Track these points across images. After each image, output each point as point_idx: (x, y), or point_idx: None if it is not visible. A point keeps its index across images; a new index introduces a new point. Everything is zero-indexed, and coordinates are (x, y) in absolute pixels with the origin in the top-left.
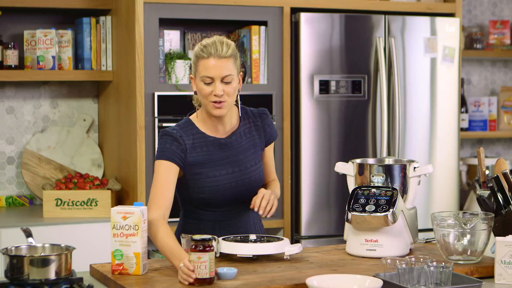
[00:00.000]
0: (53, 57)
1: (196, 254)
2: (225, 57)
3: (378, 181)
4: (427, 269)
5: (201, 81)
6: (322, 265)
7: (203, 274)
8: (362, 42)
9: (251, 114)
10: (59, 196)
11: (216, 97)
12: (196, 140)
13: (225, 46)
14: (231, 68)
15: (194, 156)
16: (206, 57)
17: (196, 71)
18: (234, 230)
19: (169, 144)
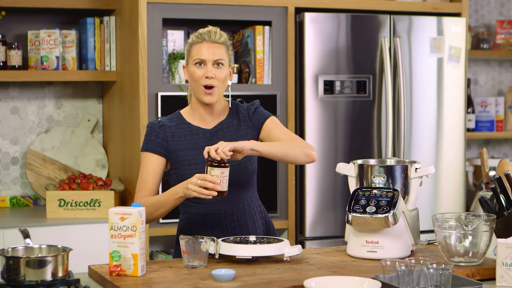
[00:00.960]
0: (57, 57)
1: (220, 170)
2: (217, 43)
3: (379, 182)
4: (426, 271)
5: (193, 64)
6: (321, 267)
7: (224, 188)
8: (367, 42)
9: (241, 109)
10: (62, 197)
11: (207, 80)
12: (180, 129)
13: (218, 34)
14: (223, 54)
15: (177, 144)
16: (199, 41)
17: (189, 56)
18: (228, 225)
19: (149, 135)
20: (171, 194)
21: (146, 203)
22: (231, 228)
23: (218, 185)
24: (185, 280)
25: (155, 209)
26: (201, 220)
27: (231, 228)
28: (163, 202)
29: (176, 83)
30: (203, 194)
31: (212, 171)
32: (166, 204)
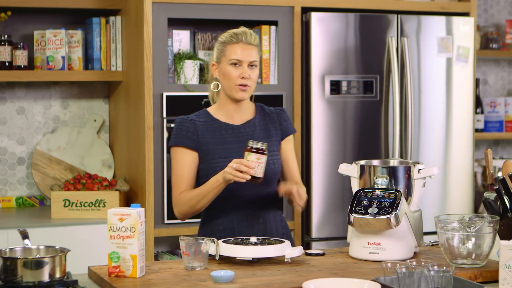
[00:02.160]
0: (62, 58)
1: (256, 155)
2: (252, 45)
3: (381, 183)
4: (427, 273)
5: (229, 64)
6: (322, 269)
7: (259, 174)
8: (374, 42)
9: (268, 110)
10: (67, 197)
11: (243, 80)
12: (209, 125)
13: (253, 36)
14: (256, 56)
15: (207, 138)
16: (235, 42)
17: (222, 55)
18: (254, 223)
19: (179, 130)
20: (212, 183)
21: (186, 197)
22: (255, 218)
23: (252, 170)
24: (183, 281)
25: (197, 201)
26: (226, 216)
27: (255, 218)
28: (205, 193)
29: (181, 83)
30: (237, 177)
31: (248, 156)
32: (208, 194)
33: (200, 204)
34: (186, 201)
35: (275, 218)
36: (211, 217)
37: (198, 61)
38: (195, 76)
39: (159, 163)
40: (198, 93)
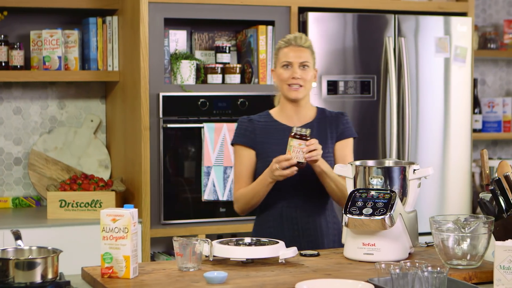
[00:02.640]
0: (59, 58)
1: (297, 141)
2: (302, 46)
3: (376, 183)
4: (421, 274)
5: (281, 67)
6: (316, 270)
7: (300, 158)
8: (371, 42)
9: (328, 114)
10: (63, 197)
11: (294, 80)
12: (268, 125)
13: (303, 39)
14: (308, 57)
15: (264, 137)
16: (286, 45)
17: (277, 60)
18: (303, 223)
19: (239, 129)
20: (261, 182)
21: (242, 194)
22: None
23: (293, 158)
24: (176, 282)
25: (251, 198)
26: (277, 213)
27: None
28: (256, 191)
29: (178, 83)
30: (285, 174)
31: (291, 142)
32: (259, 192)
33: (254, 200)
34: (242, 198)
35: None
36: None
37: (195, 61)
38: (192, 76)
39: (155, 163)
40: (194, 93)
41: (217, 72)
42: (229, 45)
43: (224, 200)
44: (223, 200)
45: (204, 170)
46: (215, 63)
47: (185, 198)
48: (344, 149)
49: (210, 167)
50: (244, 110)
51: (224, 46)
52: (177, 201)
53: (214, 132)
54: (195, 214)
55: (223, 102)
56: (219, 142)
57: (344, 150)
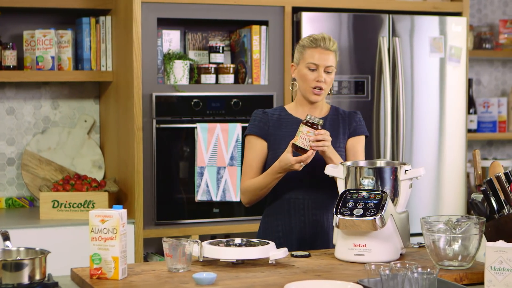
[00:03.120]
0: (52, 58)
1: (306, 128)
2: (330, 50)
3: (367, 184)
4: (410, 275)
5: (306, 67)
6: (307, 271)
7: (305, 145)
8: (365, 42)
9: (341, 112)
10: (56, 198)
11: (318, 83)
12: (282, 119)
13: (331, 42)
14: (333, 61)
15: (277, 130)
16: (314, 47)
17: (301, 58)
18: (311, 215)
19: (253, 121)
20: (271, 174)
21: (250, 186)
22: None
23: (298, 143)
24: (165, 283)
25: (260, 189)
26: (285, 204)
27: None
28: (265, 183)
29: (171, 83)
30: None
31: (301, 127)
32: (268, 184)
33: (262, 191)
34: (250, 189)
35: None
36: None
37: (188, 61)
38: (185, 77)
39: (148, 163)
40: (188, 93)
41: (210, 72)
42: (222, 45)
43: (218, 200)
44: (216, 200)
45: (198, 170)
46: (208, 63)
47: (178, 198)
48: (356, 146)
49: (204, 167)
50: (237, 110)
51: (218, 46)
52: (170, 202)
53: (208, 133)
54: (188, 215)
55: (216, 102)
56: (213, 143)
57: (355, 146)
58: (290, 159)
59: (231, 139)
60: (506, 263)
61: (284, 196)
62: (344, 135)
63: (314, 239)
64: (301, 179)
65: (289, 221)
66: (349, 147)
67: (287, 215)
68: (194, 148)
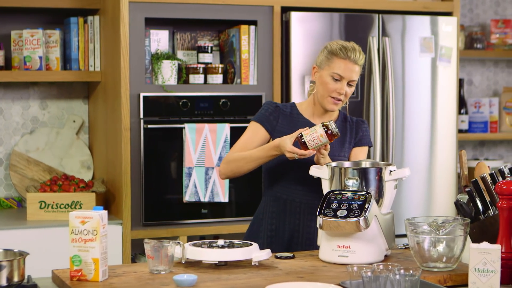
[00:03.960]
0: (40, 58)
1: (322, 131)
2: (357, 64)
3: (352, 184)
4: (392, 277)
5: (330, 76)
6: (289, 272)
7: (311, 144)
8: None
9: (349, 119)
10: (43, 199)
11: (338, 95)
12: (291, 116)
13: (361, 55)
14: (358, 74)
15: (284, 127)
16: (343, 57)
17: (327, 65)
18: (305, 220)
19: (264, 110)
20: (265, 151)
21: (240, 155)
22: (306, 221)
23: (303, 136)
24: (146, 285)
25: (247, 161)
26: (281, 204)
27: (307, 221)
28: (255, 156)
29: (159, 83)
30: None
31: (317, 127)
32: (257, 158)
33: (248, 165)
34: (237, 158)
35: None
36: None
37: (176, 61)
38: (173, 77)
39: (136, 164)
40: (176, 93)
41: (199, 72)
42: (211, 45)
43: (206, 201)
44: (204, 201)
45: (186, 171)
46: (197, 63)
47: (166, 199)
48: (358, 155)
49: (192, 168)
50: (226, 110)
51: (206, 46)
52: (158, 202)
53: (196, 133)
54: (176, 216)
55: (204, 102)
56: (201, 143)
57: (358, 156)
58: (288, 145)
59: (220, 140)
60: (490, 265)
61: (281, 197)
62: (350, 144)
63: (306, 243)
64: (299, 182)
65: (283, 223)
66: (352, 156)
67: (282, 216)
68: (182, 149)
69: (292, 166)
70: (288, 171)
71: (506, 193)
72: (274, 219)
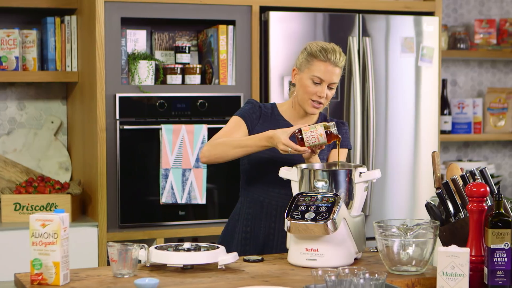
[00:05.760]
0: (16, 58)
1: (322, 131)
2: (338, 66)
3: (321, 186)
4: (356, 281)
5: (310, 79)
6: (255, 276)
7: (309, 141)
8: (334, 42)
9: (329, 121)
10: (18, 201)
11: (318, 98)
12: (271, 117)
13: (342, 56)
14: (338, 76)
15: (263, 127)
16: (323, 60)
17: (306, 67)
18: (281, 223)
19: (248, 107)
20: (256, 140)
21: (227, 139)
22: (282, 225)
23: (303, 133)
24: None
25: (234, 147)
26: (258, 205)
27: (282, 225)
28: (245, 143)
29: (135, 83)
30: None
31: (318, 126)
32: (246, 146)
33: (234, 151)
34: (223, 143)
35: None
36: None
37: (154, 61)
38: (150, 77)
39: (112, 165)
40: (153, 94)
41: (176, 73)
42: (189, 45)
43: (183, 203)
44: (181, 203)
45: (162, 172)
46: (174, 64)
47: (143, 201)
48: (336, 158)
49: (168, 169)
50: (203, 111)
51: (184, 46)
52: (134, 204)
53: (173, 134)
54: (153, 218)
55: (182, 103)
56: (178, 144)
57: (336, 158)
58: (283, 138)
59: (197, 141)
60: (458, 268)
61: (258, 199)
62: (328, 146)
63: (281, 246)
64: (276, 185)
65: (259, 225)
66: (330, 158)
67: (257, 218)
68: (159, 150)
69: (269, 168)
70: (265, 173)
71: (476, 195)
72: (249, 221)
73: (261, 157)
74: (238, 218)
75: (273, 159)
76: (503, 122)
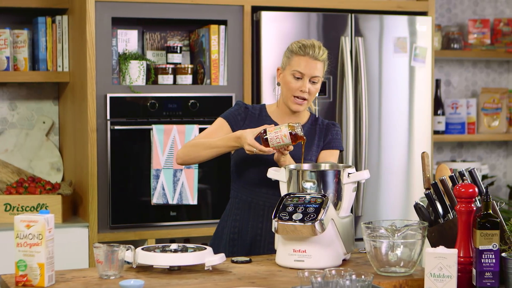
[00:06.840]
0: (7, 58)
1: (286, 132)
2: (318, 60)
3: (309, 187)
4: (342, 283)
5: (291, 74)
6: (242, 277)
7: (273, 142)
8: (327, 42)
9: (320, 122)
10: (8, 201)
11: (301, 93)
12: (259, 118)
13: (321, 50)
14: (320, 71)
15: (250, 128)
16: (302, 54)
17: (288, 64)
18: (269, 219)
19: (233, 110)
20: (226, 141)
21: (200, 141)
22: (269, 225)
23: (267, 133)
24: None
25: (205, 147)
26: (245, 206)
27: (270, 225)
28: (215, 144)
29: (126, 84)
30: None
31: (283, 127)
32: (216, 146)
33: (205, 152)
34: (196, 144)
35: None
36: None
37: (145, 61)
38: (141, 77)
39: (103, 166)
40: (144, 94)
41: (168, 73)
42: (180, 45)
43: (174, 204)
44: (172, 204)
45: (153, 173)
46: (166, 64)
47: (134, 201)
48: (326, 158)
49: (160, 170)
50: (195, 111)
51: (175, 46)
52: (125, 205)
53: (164, 134)
54: (144, 218)
55: (173, 103)
56: (169, 144)
57: (326, 159)
58: (249, 138)
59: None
60: (446, 270)
61: (246, 199)
62: (317, 147)
63: (268, 247)
64: (264, 185)
65: (246, 225)
66: (319, 159)
67: (245, 218)
68: (150, 150)
69: (256, 168)
70: (252, 172)
71: (464, 196)
72: (237, 222)
73: (248, 157)
74: (227, 218)
75: (260, 158)
76: (497, 123)
